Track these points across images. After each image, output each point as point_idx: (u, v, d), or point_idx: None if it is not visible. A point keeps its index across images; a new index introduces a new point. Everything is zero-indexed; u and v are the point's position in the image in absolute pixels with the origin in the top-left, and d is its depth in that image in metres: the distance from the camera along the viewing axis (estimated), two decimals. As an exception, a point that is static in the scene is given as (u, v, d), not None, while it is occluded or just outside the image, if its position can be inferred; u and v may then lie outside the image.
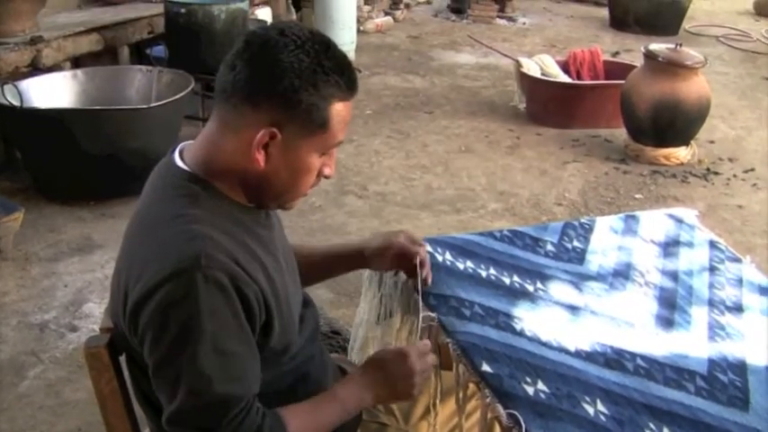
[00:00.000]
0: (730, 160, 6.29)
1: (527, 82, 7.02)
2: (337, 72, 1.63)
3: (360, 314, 2.45)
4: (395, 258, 2.11)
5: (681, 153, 6.14)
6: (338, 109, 1.66)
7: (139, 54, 6.76)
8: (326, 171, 1.74)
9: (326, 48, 1.64)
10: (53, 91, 5.35)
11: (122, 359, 1.81)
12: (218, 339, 1.55)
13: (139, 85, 5.63)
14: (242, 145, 1.63)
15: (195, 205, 1.63)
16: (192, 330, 1.53)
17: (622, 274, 2.41)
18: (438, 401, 2.10)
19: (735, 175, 5.99)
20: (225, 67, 1.64)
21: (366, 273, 2.41)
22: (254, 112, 1.61)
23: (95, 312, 3.89)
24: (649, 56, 6.12)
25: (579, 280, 2.35)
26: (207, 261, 1.53)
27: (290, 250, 1.93)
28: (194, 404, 1.57)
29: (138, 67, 5.93)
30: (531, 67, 7.04)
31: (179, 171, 1.69)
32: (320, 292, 3.92)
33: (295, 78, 1.59)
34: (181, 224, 1.59)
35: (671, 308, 2.26)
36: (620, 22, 10.83)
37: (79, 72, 5.61)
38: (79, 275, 4.33)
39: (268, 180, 1.68)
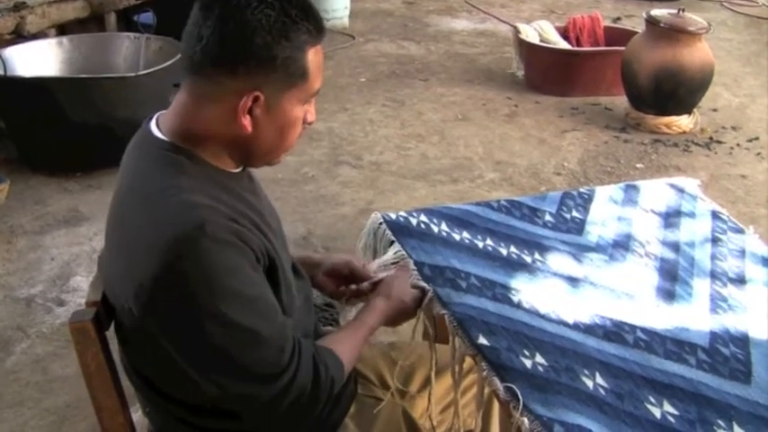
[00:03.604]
0: (734, 129, 6.27)
1: (525, 49, 6.98)
2: (305, 18, 1.63)
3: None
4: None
5: (683, 121, 6.13)
6: (312, 55, 1.66)
7: (127, 21, 6.71)
8: (309, 118, 1.76)
9: None
10: (38, 59, 5.32)
11: (110, 334, 1.81)
12: (245, 291, 1.58)
13: (127, 53, 5.60)
14: (224, 113, 1.62)
15: (182, 175, 1.62)
16: (219, 295, 1.54)
17: (622, 245, 2.41)
18: (434, 375, 2.11)
19: (738, 144, 5.98)
20: (189, 38, 1.61)
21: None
22: (233, 79, 1.60)
23: (83, 286, 3.89)
24: (651, 21, 6.08)
25: (578, 251, 2.35)
26: (210, 227, 1.53)
27: (277, 219, 1.93)
28: (251, 358, 1.60)
29: (126, 34, 5.89)
30: (530, 34, 7.00)
31: (158, 141, 1.68)
32: (313, 265, 3.90)
33: (266, 35, 1.58)
34: (173, 195, 1.58)
35: (672, 279, 2.27)
36: (621, -13, 10.79)
37: (65, 39, 5.58)
38: (66, 248, 4.32)
39: (256, 141, 1.68)
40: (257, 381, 1.63)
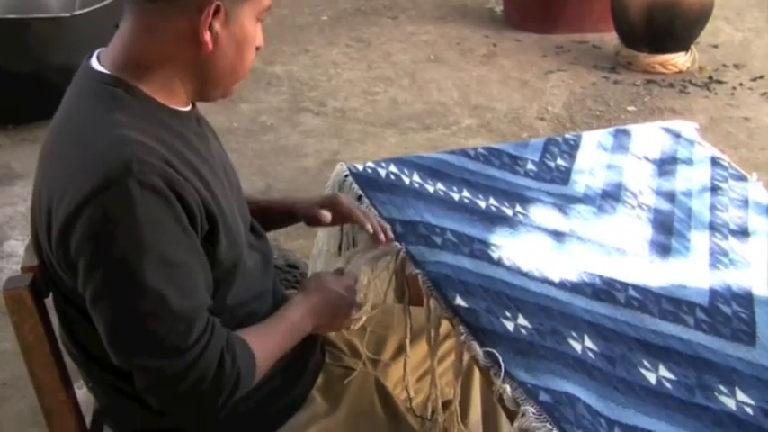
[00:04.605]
0: (736, 67, 6.29)
1: (504, -20, 6.98)
2: None
3: (318, 244, 2.46)
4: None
5: (679, 60, 6.14)
6: None
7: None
8: (260, 41, 1.75)
9: None
10: (-40, -2, 5.25)
11: (49, 304, 1.80)
12: (163, 250, 1.55)
13: (61, -9, 5.54)
14: (182, 32, 1.61)
15: (120, 109, 1.61)
16: (133, 245, 1.52)
17: (612, 195, 2.42)
18: (408, 342, 2.12)
19: (741, 84, 6.00)
20: None
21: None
22: None
23: (18, 251, 3.86)
24: (643, -54, 6.08)
25: (564, 202, 2.36)
26: (139, 166, 1.50)
27: (231, 169, 1.92)
28: (151, 329, 1.56)
29: (59, -32, 5.82)
30: (509, -36, 7.00)
31: (98, 75, 1.67)
32: (273, 223, 3.90)
33: None
34: (105, 131, 1.57)
35: (667, 232, 2.28)
36: None
37: (-11, -24, 5.51)
38: (-2, 210, 4.31)
39: (214, 63, 1.67)
40: (153, 353, 1.59)
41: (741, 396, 1.75)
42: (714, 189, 2.51)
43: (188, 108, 1.76)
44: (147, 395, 1.65)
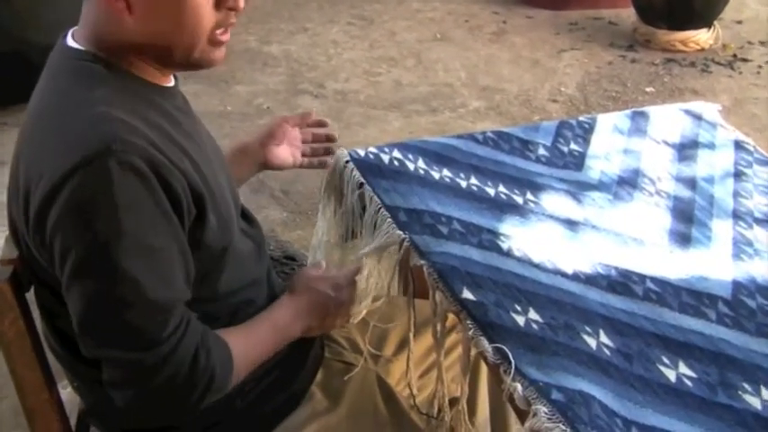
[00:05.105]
0: (762, 44, 6.29)
1: (515, -47, 6.97)
2: None
3: (317, 235, 2.45)
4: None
5: (701, 37, 6.13)
6: None
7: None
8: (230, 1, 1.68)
9: None
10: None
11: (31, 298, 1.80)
12: (141, 235, 1.54)
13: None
14: (102, 6, 1.60)
15: (100, 86, 1.60)
16: (110, 228, 1.51)
17: (629, 181, 2.42)
18: (412, 336, 2.12)
19: (767, 62, 5.99)
20: None
21: (323, 185, 2.41)
22: None
23: (-2, 242, 3.86)
24: None
25: (577, 189, 2.35)
26: (120, 145, 1.50)
27: (218, 148, 1.92)
28: (125, 318, 1.56)
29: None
30: (520, -65, 6.99)
31: (75, 52, 1.67)
32: (270, 212, 3.92)
33: None
34: (85, 108, 1.56)
35: (688, 221, 2.28)
36: None
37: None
38: (-23, 198, 4.29)
39: (153, 33, 1.63)
40: (125, 345, 1.59)
41: (766, 395, 1.74)
42: (738, 175, 2.50)
43: (171, 84, 1.76)
44: (116, 390, 1.64)
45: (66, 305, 1.62)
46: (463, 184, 2.30)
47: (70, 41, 1.69)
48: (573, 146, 2.56)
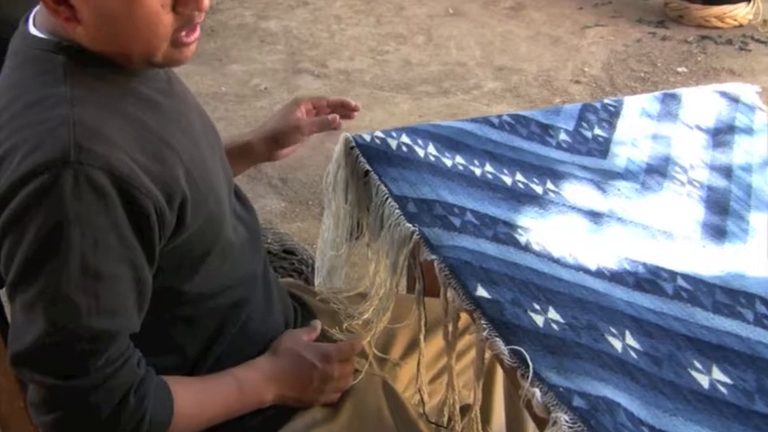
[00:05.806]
0: (806, 20, 6.28)
1: None
2: None
3: (324, 234, 2.45)
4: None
5: (739, 11, 6.12)
6: None
7: None
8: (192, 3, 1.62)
9: None
10: None
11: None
12: (88, 256, 1.52)
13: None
14: (47, 7, 1.57)
15: (65, 81, 1.58)
16: (54, 245, 1.50)
17: (658, 170, 2.42)
18: (422, 338, 2.12)
19: (810, 40, 6.00)
20: None
21: (327, 176, 2.41)
22: None
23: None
24: None
25: (602, 178, 2.35)
26: (78, 155, 1.48)
27: (212, 127, 1.92)
28: (53, 341, 1.54)
29: None
30: None
31: (37, 42, 1.64)
32: (267, 201, 3.92)
33: None
34: (47, 110, 1.55)
35: (722, 213, 2.28)
36: None
37: None
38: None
39: (106, 41, 1.60)
40: (47, 370, 1.58)
41: (809, 403, 1.75)
42: (777, 163, 2.50)
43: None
44: (36, 413, 1.64)
45: None
46: (477, 171, 2.30)
47: (32, 28, 1.66)
48: (597, 131, 2.56)
